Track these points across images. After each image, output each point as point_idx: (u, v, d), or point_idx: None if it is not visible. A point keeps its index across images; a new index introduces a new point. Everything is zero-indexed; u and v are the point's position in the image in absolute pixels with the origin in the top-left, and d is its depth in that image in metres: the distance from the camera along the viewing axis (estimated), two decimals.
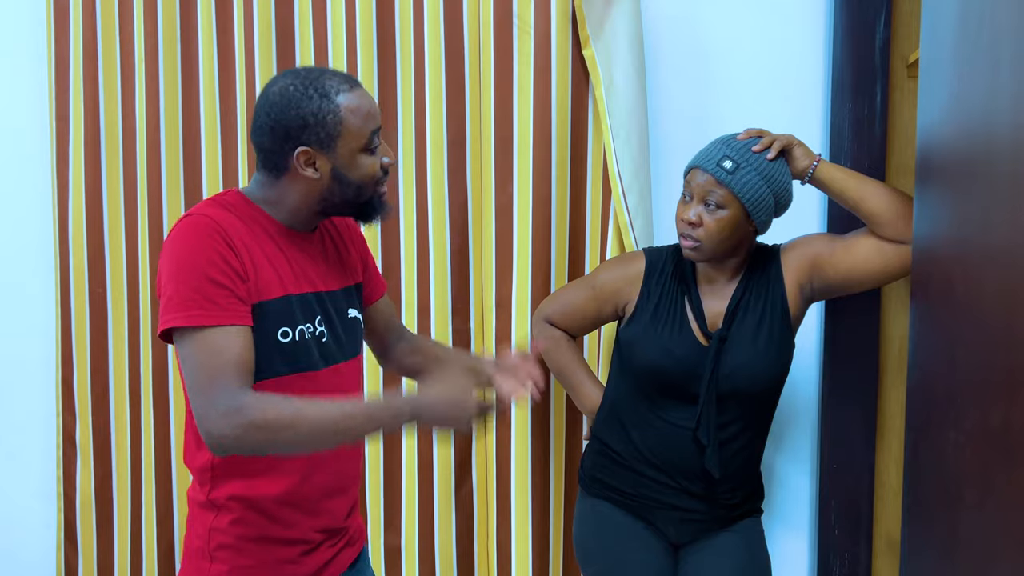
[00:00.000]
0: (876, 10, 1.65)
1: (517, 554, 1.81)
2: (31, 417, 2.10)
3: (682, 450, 1.44)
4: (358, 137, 1.14)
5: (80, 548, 2.06)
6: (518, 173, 1.76)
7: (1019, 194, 0.73)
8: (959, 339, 0.88)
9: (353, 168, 1.16)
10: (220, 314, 1.07)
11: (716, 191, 1.36)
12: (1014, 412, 0.73)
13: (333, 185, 1.16)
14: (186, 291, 1.07)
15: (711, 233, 1.37)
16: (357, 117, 1.14)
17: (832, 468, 1.75)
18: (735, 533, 1.49)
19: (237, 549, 1.19)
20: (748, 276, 1.45)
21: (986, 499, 0.78)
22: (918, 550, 0.99)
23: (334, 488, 1.25)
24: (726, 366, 1.41)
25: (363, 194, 1.18)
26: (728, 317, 1.43)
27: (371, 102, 1.17)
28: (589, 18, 1.67)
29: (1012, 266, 0.74)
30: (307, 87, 1.13)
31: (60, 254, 2.00)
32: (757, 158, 1.37)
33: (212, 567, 1.18)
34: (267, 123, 1.14)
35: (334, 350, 1.21)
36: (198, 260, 1.08)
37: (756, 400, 1.45)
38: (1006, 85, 0.75)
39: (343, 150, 1.14)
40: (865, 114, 1.68)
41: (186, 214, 1.15)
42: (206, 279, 1.07)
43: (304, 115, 1.12)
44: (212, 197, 1.20)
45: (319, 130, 1.12)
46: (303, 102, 1.12)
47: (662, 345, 1.43)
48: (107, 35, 1.95)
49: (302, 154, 1.13)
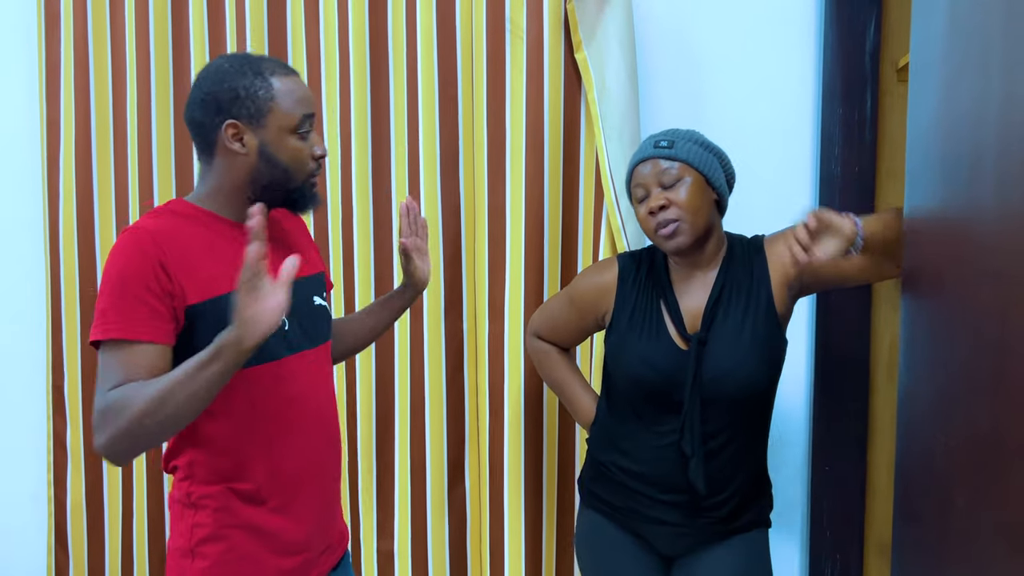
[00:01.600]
0: (866, 16, 1.66)
1: (510, 558, 1.81)
2: (22, 421, 2.10)
3: (668, 462, 1.36)
4: (288, 117, 1.17)
5: (71, 552, 2.05)
6: (511, 176, 1.76)
7: (1006, 199, 0.73)
8: (949, 342, 0.89)
9: (281, 148, 1.17)
10: (131, 328, 1.08)
11: (668, 168, 1.34)
12: (1002, 414, 0.73)
13: (260, 164, 1.17)
14: (106, 304, 1.09)
15: (684, 205, 1.32)
16: (288, 98, 1.17)
17: (824, 471, 1.76)
18: (730, 548, 1.39)
19: (219, 538, 1.19)
20: (726, 270, 1.38)
21: (975, 502, 0.78)
22: (909, 553, 0.99)
23: (307, 478, 1.25)
24: (709, 370, 1.33)
25: (292, 180, 1.19)
26: (707, 317, 1.35)
27: (306, 89, 1.21)
28: (582, 22, 1.68)
29: (999, 271, 0.74)
30: (242, 65, 1.17)
31: (51, 259, 2.00)
32: (686, 132, 1.38)
33: (194, 564, 1.19)
34: (199, 96, 1.18)
35: (299, 338, 1.23)
36: (124, 275, 1.10)
37: (745, 405, 1.36)
38: (995, 91, 0.76)
39: (271, 127, 1.16)
40: (856, 119, 1.69)
41: (127, 227, 1.17)
42: (128, 294, 1.09)
43: (236, 87, 1.15)
44: (159, 207, 1.22)
45: (249, 104, 1.15)
46: (236, 77, 1.16)
47: (639, 353, 1.37)
48: (98, 38, 1.95)
49: (230, 126, 1.15)
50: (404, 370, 1.86)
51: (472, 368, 1.87)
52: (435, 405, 1.86)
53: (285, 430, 1.22)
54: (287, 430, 1.22)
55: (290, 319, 1.22)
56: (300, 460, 1.24)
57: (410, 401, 1.86)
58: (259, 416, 1.19)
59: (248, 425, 1.19)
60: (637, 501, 1.41)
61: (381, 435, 1.89)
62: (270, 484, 1.20)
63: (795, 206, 1.73)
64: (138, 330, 1.08)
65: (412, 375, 1.86)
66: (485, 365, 1.82)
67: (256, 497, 1.20)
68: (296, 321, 1.23)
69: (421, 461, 1.87)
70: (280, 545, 1.22)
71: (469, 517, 1.90)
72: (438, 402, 1.86)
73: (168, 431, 1.08)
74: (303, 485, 1.24)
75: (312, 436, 1.26)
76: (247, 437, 1.19)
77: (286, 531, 1.22)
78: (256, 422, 1.19)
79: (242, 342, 1.02)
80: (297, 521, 1.24)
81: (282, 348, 1.20)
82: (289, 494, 1.22)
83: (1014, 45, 0.73)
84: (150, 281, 1.09)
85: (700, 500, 1.36)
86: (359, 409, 1.89)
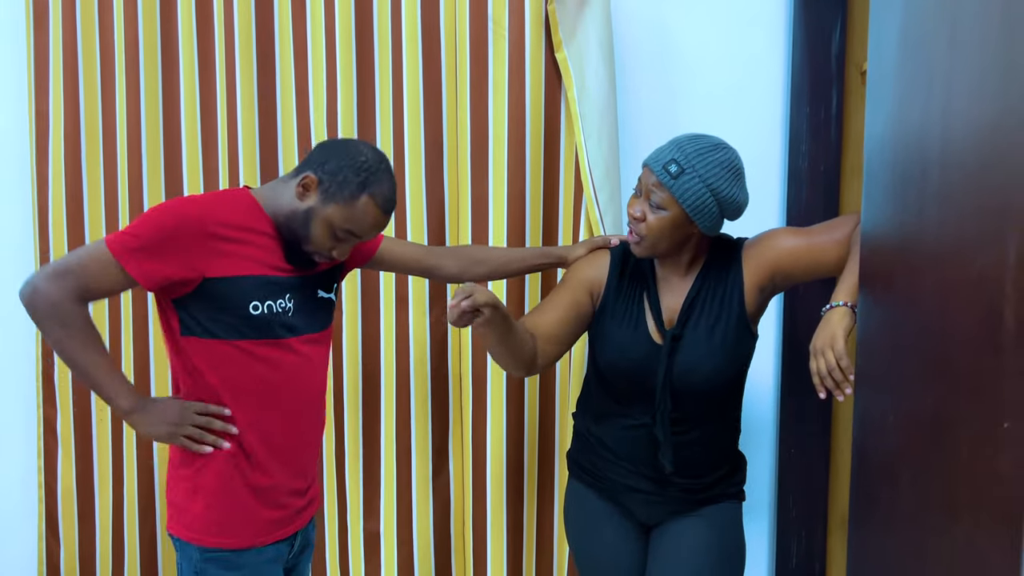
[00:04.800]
0: (831, 21, 1.73)
1: (492, 538, 1.87)
2: (12, 409, 2.12)
3: (638, 443, 1.45)
4: (340, 226, 1.34)
5: (62, 539, 2.08)
6: (493, 171, 1.81)
7: (947, 202, 0.81)
8: (899, 331, 0.96)
9: (318, 227, 1.34)
10: (137, 265, 1.27)
11: (658, 192, 1.36)
12: (941, 397, 0.82)
13: (300, 217, 1.35)
14: (144, 237, 1.28)
15: (652, 230, 1.38)
16: (358, 214, 1.33)
17: (790, 453, 1.85)
18: (703, 517, 1.48)
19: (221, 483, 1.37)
20: (706, 272, 1.44)
21: (918, 475, 0.86)
22: (863, 524, 1.08)
23: (304, 441, 1.46)
24: (680, 365, 1.40)
25: (306, 244, 1.37)
26: (682, 315, 1.43)
27: (379, 226, 1.37)
28: (562, 22, 1.73)
29: (941, 272, 0.82)
30: (366, 170, 1.33)
31: (40, 248, 2.02)
32: (705, 164, 1.34)
33: (195, 501, 1.37)
34: (330, 152, 1.35)
35: (301, 324, 1.40)
36: (175, 226, 1.28)
37: (714, 396, 1.44)
38: (937, 103, 0.84)
39: (326, 212, 1.33)
40: (822, 118, 1.76)
41: (192, 196, 1.40)
42: (163, 242, 1.28)
43: (344, 171, 1.32)
44: (222, 190, 1.46)
45: (334, 186, 1.33)
46: (353, 171, 1.32)
47: (617, 344, 1.44)
48: (87, 30, 1.96)
49: (309, 178, 1.34)
50: (390, 359, 1.91)
51: (456, 358, 1.92)
52: (420, 393, 1.92)
53: (278, 400, 1.39)
54: (280, 400, 1.39)
55: (296, 308, 1.38)
56: (286, 429, 1.41)
57: (395, 389, 1.92)
58: (256, 383, 1.36)
59: (244, 391, 1.36)
60: (614, 471, 1.49)
61: (368, 421, 1.95)
62: (260, 447, 1.38)
63: (764, 199, 1.81)
64: (131, 264, 1.28)
65: (398, 364, 1.91)
66: (468, 355, 1.88)
67: (250, 455, 1.38)
68: (300, 310, 1.39)
69: (407, 446, 1.93)
70: (268, 499, 1.39)
71: (452, 500, 1.96)
72: (423, 390, 1.92)
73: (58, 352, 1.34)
74: (286, 450, 1.41)
75: (300, 408, 1.43)
76: (243, 400, 1.36)
77: (282, 486, 1.41)
78: (251, 390, 1.36)
79: (127, 416, 1.35)
80: (291, 483, 1.42)
81: (284, 331, 1.37)
82: (275, 457, 1.40)
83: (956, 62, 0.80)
84: (178, 246, 1.28)
85: (671, 476, 1.45)
86: (346, 397, 1.94)
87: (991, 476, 0.69)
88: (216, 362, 1.34)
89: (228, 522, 1.37)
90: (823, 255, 1.37)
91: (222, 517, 1.37)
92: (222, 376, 1.35)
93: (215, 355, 1.34)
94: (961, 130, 0.77)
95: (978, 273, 0.72)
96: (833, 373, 1.22)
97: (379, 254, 1.57)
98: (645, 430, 1.44)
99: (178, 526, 1.39)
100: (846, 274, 1.30)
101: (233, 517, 1.38)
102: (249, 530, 1.38)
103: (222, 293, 1.31)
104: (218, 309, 1.32)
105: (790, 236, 1.43)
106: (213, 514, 1.37)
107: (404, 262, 1.61)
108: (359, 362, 1.93)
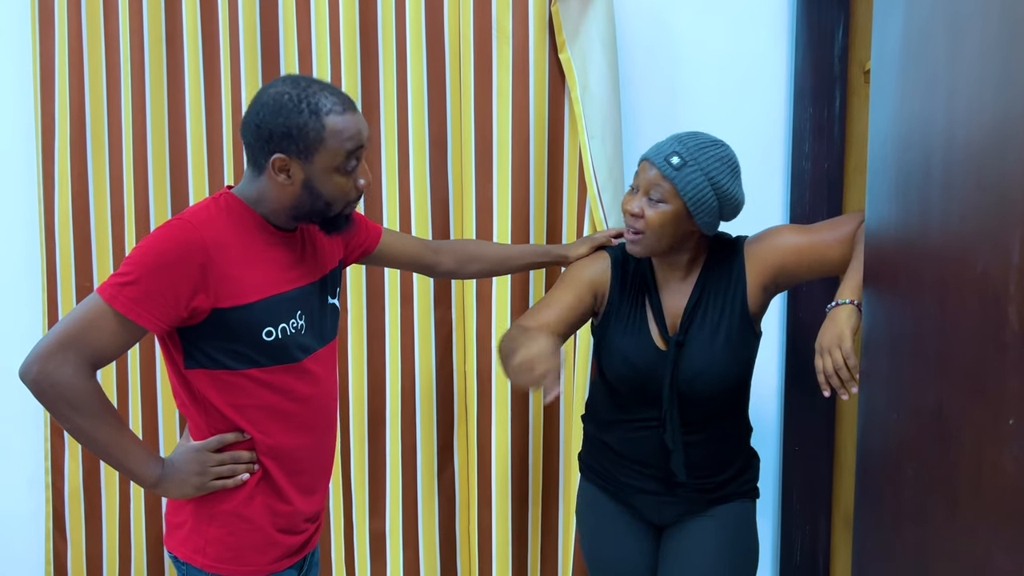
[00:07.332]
0: (835, 20, 1.74)
1: (497, 536, 1.88)
2: (19, 410, 2.12)
3: (650, 447, 1.44)
4: (334, 157, 1.21)
5: (69, 539, 2.09)
6: (497, 172, 1.81)
7: (951, 201, 0.82)
8: (903, 328, 0.97)
9: (325, 184, 1.22)
10: (137, 311, 1.15)
11: (660, 185, 1.34)
12: (944, 393, 0.82)
13: (304, 194, 1.23)
14: (133, 278, 1.15)
15: (652, 226, 1.36)
16: (338, 139, 1.20)
17: (794, 450, 1.85)
18: (715, 517, 1.46)
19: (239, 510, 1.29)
20: (707, 273, 1.43)
21: (922, 470, 0.87)
22: (868, 520, 1.09)
23: (321, 468, 1.40)
24: (685, 371, 1.39)
25: (331, 209, 1.25)
26: (685, 320, 1.41)
27: (359, 126, 1.22)
28: (565, 24, 1.73)
29: (946, 264, 0.83)
30: (300, 100, 1.18)
31: (47, 249, 2.03)
32: (707, 158, 1.33)
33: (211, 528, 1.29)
34: (254, 121, 1.20)
35: (312, 340, 1.31)
36: (162, 262, 1.15)
37: (720, 399, 1.42)
38: (940, 102, 0.84)
39: (318, 166, 1.21)
40: (825, 118, 1.76)
41: (179, 216, 1.22)
42: (156, 279, 1.15)
43: (289, 125, 1.18)
44: (207, 199, 1.27)
45: (299, 142, 1.18)
46: (292, 113, 1.18)
47: (622, 352, 1.42)
48: (92, 31, 1.97)
49: (277, 160, 1.19)
50: (395, 358, 1.92)
51: (460, 356, 1.93)
52: (425, 391, 1.93)
53: (295, 425, 1.31)
54: (296, 425, 1.31)
55: (307, 324, 1.30)
56: (303, 454, 1.34)
57: (401, 388, 1.93)
58: (271, 411, 1.28)
59: (258, 418, 1.27)
60: (623, 474, 1.49)
61: (373, 420, 1.96)
62: (279, 473, 1.30)
63: (767, 199, 1.82)
64: (142, 315, 1.15)
65: (403, 363, 1.92)
66: (473, 354, 1.89)
67: (269, 480, 1.30)
68: (311, 325, 1.31)
69: (412, 445, 1.94)
70: (286, 526, 1.33)
71: (458, 498, 1.97)
72: (428, 388, 1.93)
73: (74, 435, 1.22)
74: (303, 475, 1.34)
75: (315, 428, 1.35)
76: (259, 427, 1.27)
77: (301, 513, 1.34)
78: (266, 417, 1.28)
79: (154, 489, 1.25)
80: (300, 505, 1.34)
81: (299, 353, 1.29)
82: (293, 482, 1.32)
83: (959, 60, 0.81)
84: (183, 278, 1.16)
85: (681, 482, 1.44)
86: (351, 396, 1.95)
87: (996, 472, 0.69)
88: (227, 392, 1.24)
89: (245, 548, 1.29)
90: (827, 253, 1.36)
91: (240, 542, 1.29)
92: (235, 405, 1.25)
93: (225, 386, 1.24)
94: (965, 129, 0.78)
95: (982, 271, 0.73)
96: (840, 372, 1.21)
97: (379, 249, 1.53)
98: (652, 431, 1.43)
99: (186, 549, 1.29)
100: (851, 272, 1.29)
101: (250, 544, 1.30)
102: (265, 558, 1.31)
103: (234, 323, 1.20)
104: (228, 339, 1.21)
105: (793, 233, 1.42)
106: (231, 539, 1.29)
107: (403, 257, 1.57)
108: (364, 361, 1.94)
